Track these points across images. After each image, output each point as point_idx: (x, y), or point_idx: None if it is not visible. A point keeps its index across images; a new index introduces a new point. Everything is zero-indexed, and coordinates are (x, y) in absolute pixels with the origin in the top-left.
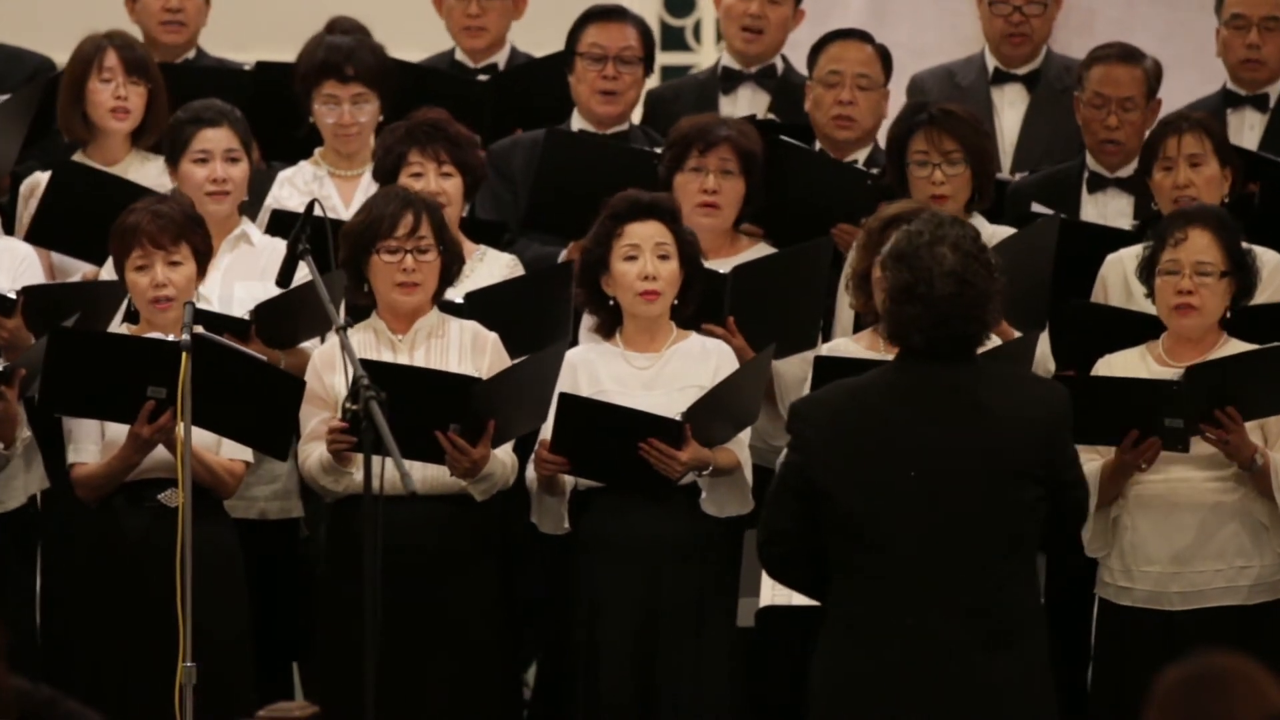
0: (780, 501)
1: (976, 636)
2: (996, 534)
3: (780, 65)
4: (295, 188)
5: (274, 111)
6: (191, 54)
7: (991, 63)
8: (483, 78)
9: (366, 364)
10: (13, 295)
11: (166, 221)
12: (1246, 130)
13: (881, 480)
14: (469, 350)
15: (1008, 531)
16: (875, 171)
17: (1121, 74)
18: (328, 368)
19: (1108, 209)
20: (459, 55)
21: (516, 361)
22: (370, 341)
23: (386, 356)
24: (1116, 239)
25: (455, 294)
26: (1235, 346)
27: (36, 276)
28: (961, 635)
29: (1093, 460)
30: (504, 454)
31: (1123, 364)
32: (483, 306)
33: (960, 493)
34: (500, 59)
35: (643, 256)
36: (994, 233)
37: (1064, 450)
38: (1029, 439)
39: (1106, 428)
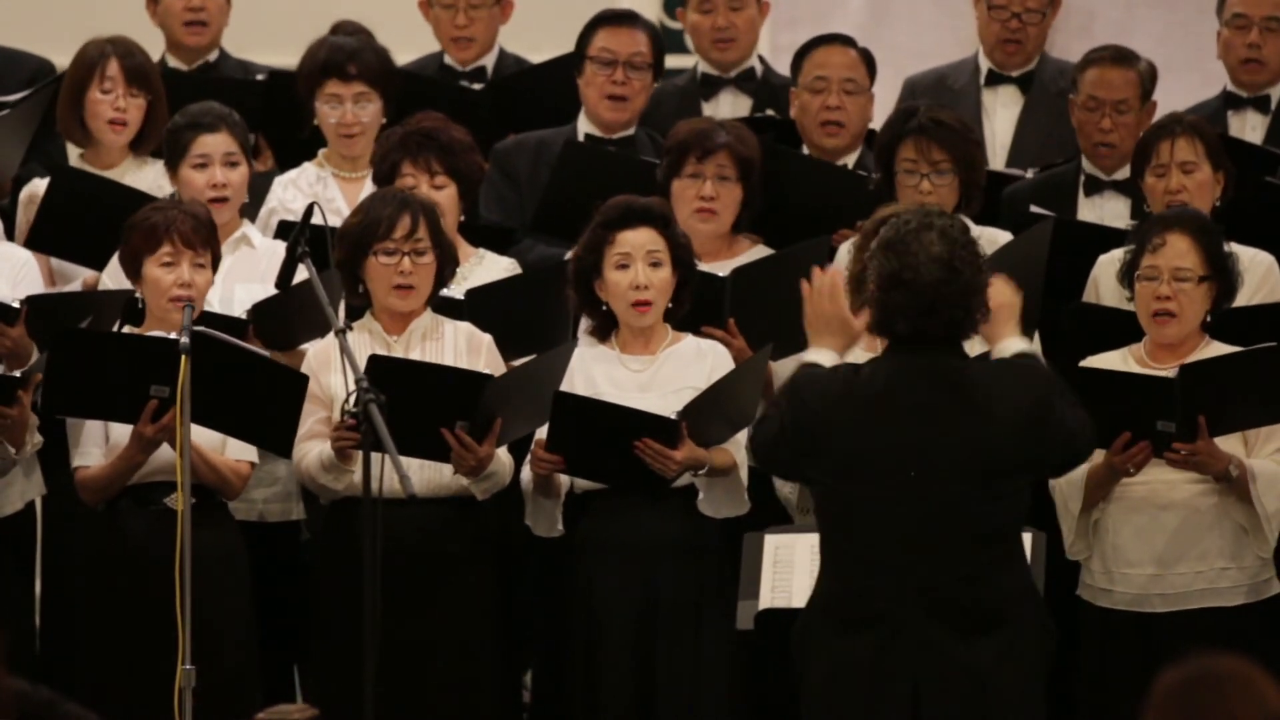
0: (778, 441)
1: (953, 624)
2: (977, 524)
3: (759, 68)
4: (299, 190)
5: (287, 120)
6: (214, 55)
7: (985, 65)
8: (478, 86)
9: (379, 359)
10: (15, 304)
11: (199, 223)
12: (1248, 132)
13: (865, 468)
14: (464, 352)
15: (991, 520)
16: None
17: (1115, 76)
18: (323, 367)
19: (1104, 212)
20: (447, 59)
21: (528, 359)
22: (365, 343)
23: None
24: (1113, 238)
25: (456, 292)
26: (1217, 349)
27: (36, 282)
28: (937, 623)
29: None
30: (503, 453)
31: (1105, 366)
32: (482, 304)
33: (944, 483)
34: (489, 62)
35: (634, 265)
36: (980, 234)
37: (1052, 428)
38: (1015, 428)
39: (1099, 427)
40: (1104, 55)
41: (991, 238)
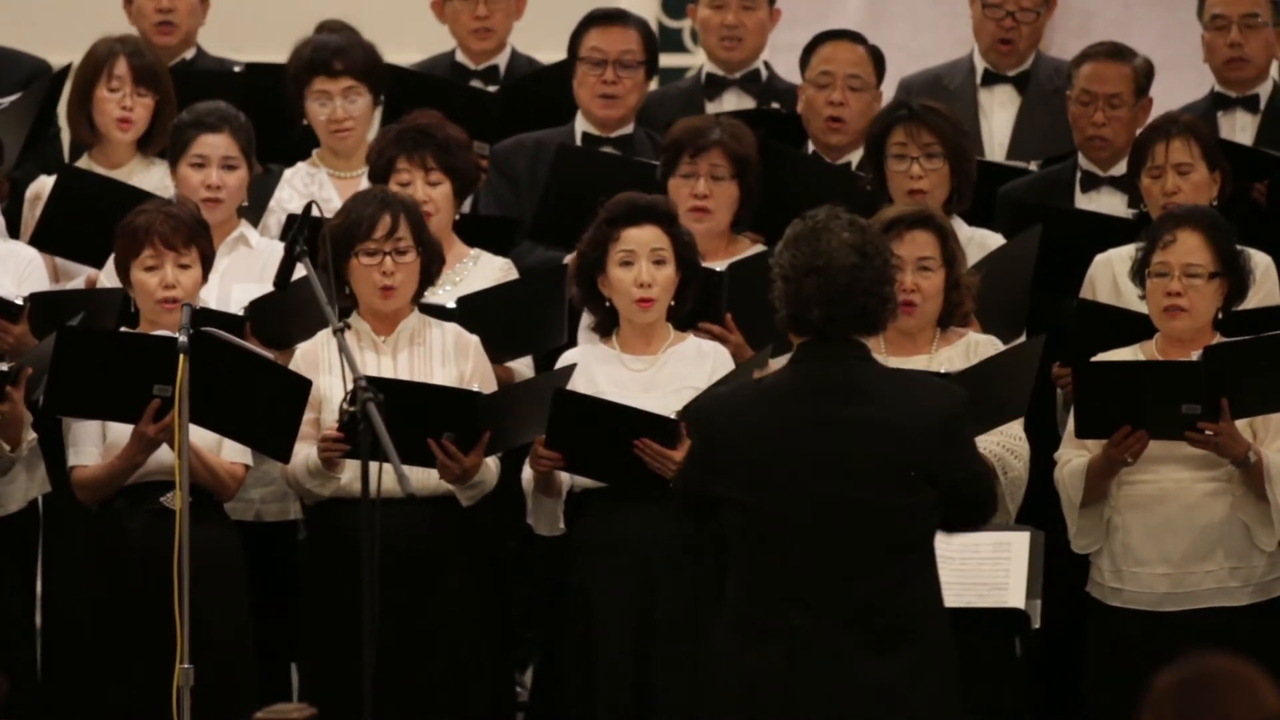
0: (684, 493)
1: (863, 637)
2: (886, 536)
3: (764, 71)
4: (294, 190)
5: (265, 113)
6: (190, 54)
7: (980, 65)
8: (493, 88)
9: (372, 379)
10: (19, 301)
11: (179, 223)
12: (1238, 132)
13: (773, 480)
14: (452, 354)
15: (898, 533)
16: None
17: (1109, 71)
18: (311, 369)
19: (1101, 208)
20: (459, 57)
21: (526, 379)
22: (353, 343)
23: (369, 358)
24: (1112, 226)
25: (448, 298)
26: None
27: (42, 279)
28: (847, 636)
29: (1080, 455)
30: (491, 460)
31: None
32: (474, 311)
33: (850, 494)
34: (501, 60)
35: (638, 263)
36: (971, 235)
37: (956, 450)
38: (920, 440)
39: (1119, 419)
40: (1099, 50)
41: (982, 241)
